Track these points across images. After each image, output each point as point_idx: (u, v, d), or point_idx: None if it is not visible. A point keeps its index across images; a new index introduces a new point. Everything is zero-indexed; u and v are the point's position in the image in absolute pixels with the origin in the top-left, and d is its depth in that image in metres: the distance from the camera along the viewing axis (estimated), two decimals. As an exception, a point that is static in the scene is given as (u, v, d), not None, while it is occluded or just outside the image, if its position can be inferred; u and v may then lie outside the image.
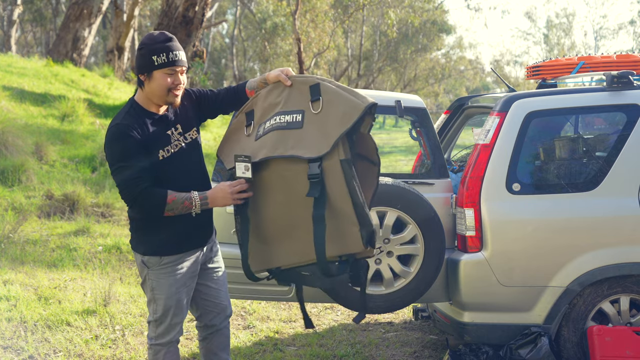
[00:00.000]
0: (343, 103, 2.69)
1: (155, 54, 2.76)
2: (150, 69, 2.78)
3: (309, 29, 25.36)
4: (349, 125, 2.64)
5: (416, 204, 3.46)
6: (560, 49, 42.39)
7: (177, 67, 2.80)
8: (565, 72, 4.27)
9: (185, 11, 12.94)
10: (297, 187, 2.73)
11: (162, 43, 2.78)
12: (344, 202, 2.66)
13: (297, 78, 2.85)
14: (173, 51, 2.78)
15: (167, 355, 2.98)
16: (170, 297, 2.92)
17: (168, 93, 2.82)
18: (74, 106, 11.44)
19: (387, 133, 33.85)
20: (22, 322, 4.32)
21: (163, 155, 2.84)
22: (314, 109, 2.75)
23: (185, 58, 2.86)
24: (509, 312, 3.59)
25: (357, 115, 2.65)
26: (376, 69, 36.14)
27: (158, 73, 2.78)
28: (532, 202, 3.58)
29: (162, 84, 2.79)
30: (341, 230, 2.69)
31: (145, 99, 2.87)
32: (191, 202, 2.78)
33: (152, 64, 2.77)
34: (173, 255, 2.91)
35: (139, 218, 2.92)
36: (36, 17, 31.03)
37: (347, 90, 2.73)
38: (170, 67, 2.78)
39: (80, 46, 17.68)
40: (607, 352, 3.43)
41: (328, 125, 2.68)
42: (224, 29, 43.32)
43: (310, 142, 2.69)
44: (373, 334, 4.60)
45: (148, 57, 2.77)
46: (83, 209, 7.45)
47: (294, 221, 2.77)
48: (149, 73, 2.79)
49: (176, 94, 2.84)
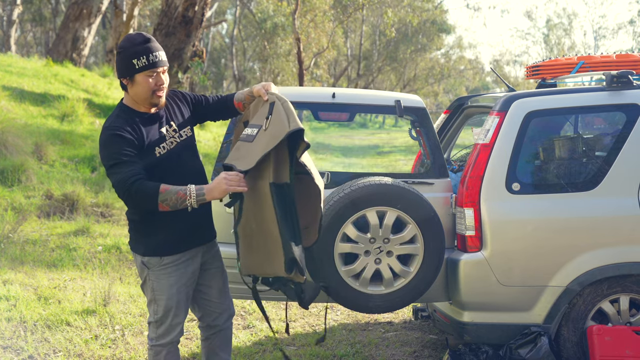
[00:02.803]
0: (278, 124, 2.77)
1: (135, 57, 2.75)
2: (131, 72, 2.77)
3: (309, 29, 25.36)
4: (270, 147, 2.72)
5: (416, 204, 3.46)
6: (560, 49, 42.39)
7: (158, 68, 2.79)
8: (564, 72, 4.27)
9: (185, 11, 12.94)
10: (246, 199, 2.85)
11: (141, 45, 2.76)
12: (272, 224, 2.76)
13: (273, 94, 2.93)
14: (153, 52, 2.77)
15: (167, 356, 2.98)
16: (171, 298, 2.93)
17: (152, 95, 2.82)
18: (73, 106, 11.44)
19: (387, 133, 33.86)
20: (21, 322, 4.32)
21: (160, 152, 2.85)
22: (264, 126, 2.83)
23: (165, 57, 2.86)
24: (508, 311, 3.59)
25: (279, 139, 2.71)
26: (376, 69, 36.16)
27: (140, 76, 2.77)
28: (531, 202, 3.58)
29: (145, 87, 2.79)
30: (271, 251, 2.80)
31: (132, 101, 2.87)
32: (186, 193, 2.70)
33: (133, 68, 2.76)
34: (173, 255, 2.92)
35: (138, 220, 2.92)
36: (36, 17, 31.03)
37: (288, 112, 2.79)
38: (152, 69, 2.77)
39: (79, 46, 17.68)
40: (606, 351, 3.43)
41: (262, 144, 2.77)
42: (223, 28, 43.32)
43: (250, 157, 2.78)
44: (373, 334, 4.61)
45: (128, 61, 2.76)
46: (83, 209, 7.45)
47: (250, 232, 2.88)
48: (131, 77, 2.79)
49: (159, 94, 2.84)
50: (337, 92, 3.86)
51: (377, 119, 45.15)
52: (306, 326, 4.79)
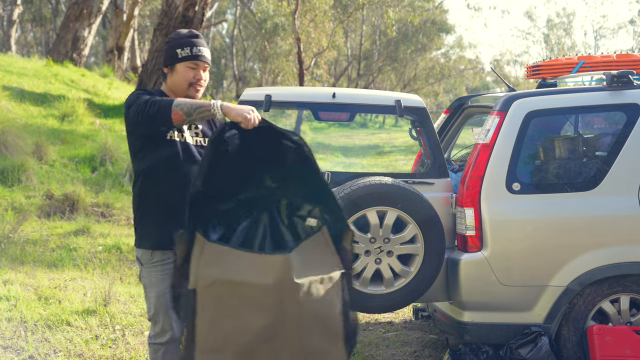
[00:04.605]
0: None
1: (179, 47, 2.85)
2: (173, 61, 2.87)
3: (309, 29, 25.36)
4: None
5: (416, 204, 3.46)
6: (560, 49, 42.38)
7: (200, 62, 2.88)
8: (565, 72, 4.27)
9: (185, 11, 12.93)
10: None
11: (187, 38, 2.88)
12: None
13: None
14: (197, 46, 2.87)
15: (166, 354, 2.98)
16: (161, 296, 2.93)
17: (189, 87, 2.88)
18: (73, 106, 11.43)
19: (387, 133, 33.85)
20: (22, 322, 4.32)
21: (171, 135, 2.86)
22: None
23: (209, 56, 2.94)
24: (509, 311, 3.59)
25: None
26: (376, 69, 36.16)
27: (181, 66, 2.86)
28: (532, 202, 3.58)
29: (184, 77, 2.86)
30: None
31: (169, 90, 2.94)
32: (210, 104, 2.63)
33: (175, 57, 2.85)
34: (162, 250, 2.90)
35: (136, 206, 2.93)
36: (36, 17, 31.04)
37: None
38: (193, 61, 2.85)
39: (80, 46, 17.67)
40: (607, 351, 3.43)
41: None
42: (223, 28, 43.33)
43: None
44: (373, 334, 4.60)
45: (172, 50, 2.87)
46: (83, 208, 7.44)
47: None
48: (172, 65, 2.88)
49: (197, 89, 2.90)
50: (338, 92, 3.86)
51: (378, 118, 45.15)
52: (306, 326, 4.79)
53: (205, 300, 2.51)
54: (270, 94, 3.75)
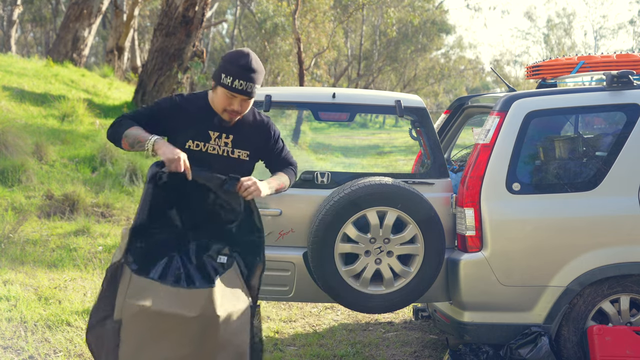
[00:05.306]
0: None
1: (226, 72, 2.80)
2: (217, 81, 2.85)
3: (309, 29, 25.35)
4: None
5: (416, 204, 3.46)
6: (560, 49, 42.38)
7: (237, 95, 2.81)
8: (565, 72, 4.27)
9: (185, 11, 12.93)
10: None
11: (237, 66, 2.79)
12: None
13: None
14: (240, 80, 2.78)
15: None
16: None
17: (223, 111, 2.88)
18: (73, 106, 11.43)
19: (387, 133, 33.84)
20: (22, 322, 4.32)
21: (190, 145, 2.86)
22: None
23: (252, 90, 2.82)
24: (509, 311, 3.59)
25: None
26: (376, 69, 36.14)
27: (221, 89, 2.84)
28: (532, 202, 3.58)
29: (221, 101, 2.86)
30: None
31: (211, 101, 2.95)
32: (145, 137, 2.75)
33: (219, 79, 2.83)
34: None
35: None
36: (36, 17, 31.03)
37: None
38: (230, 92, 2.81)
39: (80, 46, 17.66)
40: (607, 351, 3.43)
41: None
42: (223, 29, 43.32)
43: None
44: (373, 334, 4.61)
45: (220, 71, 2.83)
46: (83, 209, 7.44)
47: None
48: (216, 84, 2.87)
49: (231, 116, 2.88)
50: (338, 92, 3.86)
51: (378, 119, 45.14)
52: (306, 326, 4.79)
53: (130, 330, 2.61)
54: (270, 94, 3.75)
